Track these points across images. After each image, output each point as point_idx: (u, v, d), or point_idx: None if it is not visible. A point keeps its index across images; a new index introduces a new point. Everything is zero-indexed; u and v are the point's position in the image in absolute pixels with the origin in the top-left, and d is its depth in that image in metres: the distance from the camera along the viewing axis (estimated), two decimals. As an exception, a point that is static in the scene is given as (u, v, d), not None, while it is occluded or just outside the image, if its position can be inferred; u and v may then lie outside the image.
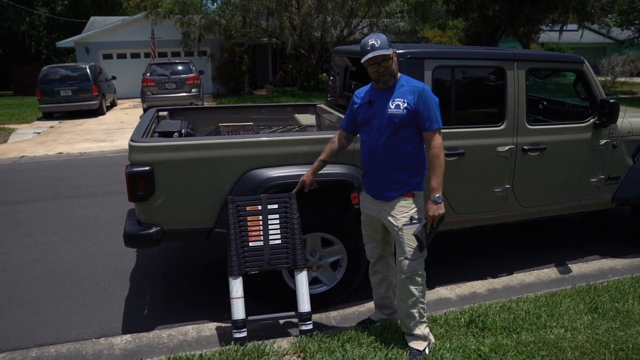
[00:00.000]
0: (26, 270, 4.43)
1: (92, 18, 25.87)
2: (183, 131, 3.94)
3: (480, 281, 4.04)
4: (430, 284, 3.94)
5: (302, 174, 3.19)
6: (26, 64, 28.68)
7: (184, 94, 15.14)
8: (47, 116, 15.25)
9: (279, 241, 3.11)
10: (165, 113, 4.73)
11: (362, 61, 2.74)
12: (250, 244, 3.08)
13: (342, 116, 4.38)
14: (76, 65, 15.86)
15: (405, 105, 2.74)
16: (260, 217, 3.12)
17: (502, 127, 3.78)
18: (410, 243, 2.80)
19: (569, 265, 4.29)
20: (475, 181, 3.80)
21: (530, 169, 3.92)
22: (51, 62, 26.16)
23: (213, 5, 20.10)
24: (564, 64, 4.27)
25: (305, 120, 5.00)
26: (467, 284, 4.00)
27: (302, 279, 3.08)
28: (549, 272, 4.20)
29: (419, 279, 2.87)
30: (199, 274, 4.28)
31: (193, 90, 15.36)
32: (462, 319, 3.21)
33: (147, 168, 3.10)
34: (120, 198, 6.19)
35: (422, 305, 2.91)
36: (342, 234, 3.45)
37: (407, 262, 2.82)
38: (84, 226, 5.50)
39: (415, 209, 2.82)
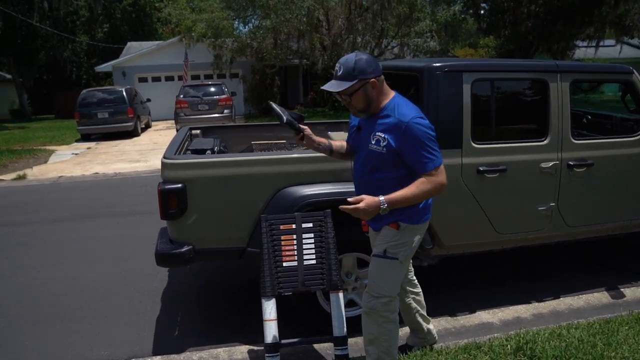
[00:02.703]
0: (60, 288, 4.43)
1: (129, 43, 26.74)
2: (216, 149, 3.91)
3: (524, 305, 3.81)
4: (471, 307, 3.76)
5: (338, 192, 3.09)
6: (67, 88, 29.79)
7: (216, 115, 15.36)
8: (85, 138, 15.67)
9: (313, 261, 3.00)
10: (198, 131, 4.73)
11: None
12: (284, 264, 2.98)
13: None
14: (113, 89, 16.34)
15: (385, 143, 2.37)
16: (295, 236, 3.02)
17: (545, 142, 3.60)
18: (376, 278, 2.53)
19: (622, 290, 4.02)
20: (518, 199, 3.61)
21: (576, 186, 3.71)
22: (90, 86, 27.07)
23: (245, 28, 20.48)
24: (611, 74, 4.06)
25: (339, 138, 4.90)
26: (511, 307, 3.78)
27: (337, 301, 2.95)
28: (600, 297, 3.93)
29: (381, 320, 2.52)
30: (231, 294, 4.19)
31: (225, 111, 15.57)
32: (509, 346, 3.01)
33: (180, 185, 3.05)
34: (153, 217, 6.19)
35: (383, 349, 2.56)
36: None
37: (366, 296, 2.57)
38: (117, 245, 5.51)
39: (394, 243, 2.47)
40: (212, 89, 15.92)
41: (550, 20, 20.46)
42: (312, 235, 3.02)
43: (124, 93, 15.63)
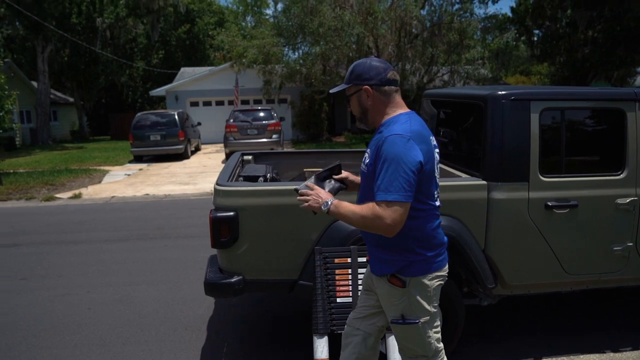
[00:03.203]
0: (108, 310, 4.42)
1: (182, 69, 27.69)
2: (268, 176, 3.83)
3: (597, 354, 3.48)
4: (538, 353, 3.45)
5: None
6: (123, 111, 31.16)
7: (264, 140, 15.50)
8: (138, 159, 16.16)
9: (369, 298, 2.83)
10: (250, 157, 4.68)
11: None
12: (338, 299, 2.83)
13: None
14: (165, 112, 16.82)
15: (368, 160, 2.13)
16: (350, 271, 2.86)
17: (622, 175, 3.32)
18: (405, 341, 2.23)
19: None
20: (590, 238, 3.32)
21: (657, 225, 3.38)
22: (144, 110, 28.16)
23: (294, 55, 20.80)
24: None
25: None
26: (582, 357, 3.45)
27: (394, 342, 2.76)
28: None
29: None
30: (279, 328, 4.04)
31: (274, 136, 15.69)
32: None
33: (232, 213, 2.97)
34: (201, 241, 6.19)
35: None
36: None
37: (401, 356, 2.33)
38: (165, 268, 5.50)
39: (405, 305, 2.13)
40: (262, 114, 16.12)
41: (610, 46, 19.74)
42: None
43: (176, 116, 16.05)
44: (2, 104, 12.91)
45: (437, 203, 2.18)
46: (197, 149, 19.17)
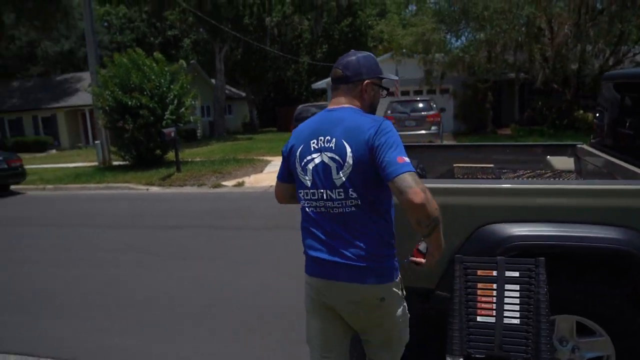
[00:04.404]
0: (250, 298, 4.56)
1: (344, 62, 28.26)
2: (411, 171, 3.52)
3: None
4: None
5: (557, 235, 2.42)
6: (288, 104, 33.06)
7: (423, 132, 15.02)
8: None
9: (516, 320, 2.38)
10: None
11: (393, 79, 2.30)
12: (479, 318, 2.43)
13: (611, 159, 3.41)
14: (324, 104, 17.31)
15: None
16: (495, 286, 2.44)
17: None
18: None
19: None
20: None
21: None
22: (307, 102, 29.49)
23: (457, 42, 19.71)
24: None
25: (561, 164, 4.09)
26: None
27: None
28: None
29: None
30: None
31: (433, 128, 15.13)
32: None
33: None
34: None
35: None
36: (609, 323, 2.51)
37: None
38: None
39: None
40: (420, 105, 15.64)
41: None
42: (517, 287, 2.41)
43: (334, 109, 16.39)
44: (183, 100, 14.48)
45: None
46: (355, 141, 19.34)
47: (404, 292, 2.12)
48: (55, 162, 19.21)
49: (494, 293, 2.44)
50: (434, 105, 15.56)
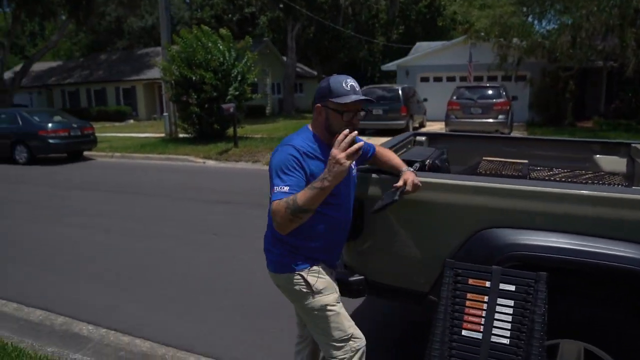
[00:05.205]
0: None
1: (417, 43, 27.40)
2: (428, 162, 3.23)
3: None
4: None
5: (566, 248, 2.10)
6: (361, 85, 32.61)
7: (489, 120, 14.24)
8: (360, 132, 16.51)
9: (505, 340, 2.09)
10: (424, 138, 4.10)
11: (345, 102, 2.14)
12: (464, 332, 2.16)
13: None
14: (391, 87, 16.81)
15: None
16: (486, 299, 2.16)
17: None
18: None
19: None
20: None
21: None
22: (380, 84, 28.96)
23: (538, 26, 18.35)
24: None
25: (610, 165, 3.62)
26: None
27: None
28: None
29: None
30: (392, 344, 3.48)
31: (500, 116, 14.29)
32: None
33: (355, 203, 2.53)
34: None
35: None
36: (620, 353, 2.15)
37: None
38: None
39: None
40: (489, 92, 14.78)
41: None
42: (511, 302, 2.11)
43: (400, 92, 15.87)
44: (247, 77, 14.60)
45: None
46: (422, 126, 18.72)
47: (315, 289, 2.19)
48: (130, 132, 20.23)
49: (484, 306, 2.16)
50: (504, 93, 14.64)
